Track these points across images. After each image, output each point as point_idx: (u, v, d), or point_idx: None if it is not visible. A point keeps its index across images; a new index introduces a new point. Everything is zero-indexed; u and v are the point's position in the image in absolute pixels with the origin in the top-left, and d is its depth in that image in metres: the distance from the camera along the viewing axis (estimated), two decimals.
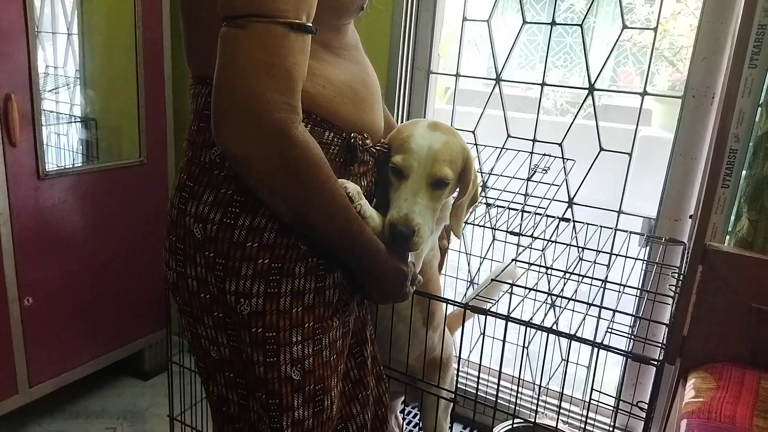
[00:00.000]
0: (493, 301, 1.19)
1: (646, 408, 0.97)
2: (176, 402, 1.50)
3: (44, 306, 1.77)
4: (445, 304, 1.31)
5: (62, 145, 2.01)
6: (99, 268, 1.91)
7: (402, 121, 1.97)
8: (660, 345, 0.99)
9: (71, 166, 1.96)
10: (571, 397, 1.83)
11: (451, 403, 1.42)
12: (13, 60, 1.56)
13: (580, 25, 1.70)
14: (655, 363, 0.90)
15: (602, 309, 1.09)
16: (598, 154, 1.72)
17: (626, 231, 1.49)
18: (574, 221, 1.54)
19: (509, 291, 1.23)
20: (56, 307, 1.81)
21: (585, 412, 1.39)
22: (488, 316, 1.13)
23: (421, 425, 1.44)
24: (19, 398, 1.75)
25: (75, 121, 2.07)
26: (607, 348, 0.96)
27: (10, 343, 1.69)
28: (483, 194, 1.59)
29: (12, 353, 1.70)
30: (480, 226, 1.50)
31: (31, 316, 1.73)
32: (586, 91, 1.71)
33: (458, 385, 1.20)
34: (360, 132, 0.88)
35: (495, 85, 1.85)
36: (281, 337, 0.84)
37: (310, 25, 0.72)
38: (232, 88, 0.69)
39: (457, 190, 1.08)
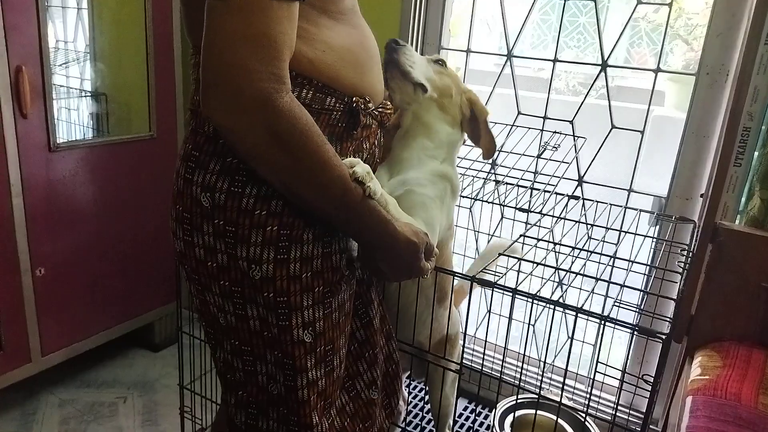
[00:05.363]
0: (493, 272, 1.19)
1: (651, 381, 0.97)
2: (186, 371, 1.52)
3: (56, 277, 1.79)
4: (452, 283, 1.31)
5: (72, 120, 2.01)
6: (110, 240, 1.93)
7: None
8: (667, 319, 0.99)
9: (82, 139, 1.97)
10: (576, 374, 1.84)
11: (457, 378, 1.43)
12: (23, 33, 1.56)
13: (594, 1, 1.68)
14: (662, 336, 0.90)
15: (610, 284, 1.09)
16: (610, 131, 1.71)
17: (636, 209, 1.48)
18: (583, 199, 1.54)
19: (517, 267, 1.23)
20: (67, 278, 1.83)
21: (589, 389, 1.40)
22: (495, 291, 1.13)
23: (427, 399, 1.45)
24: (32, 366, 1.78)
25: (85, 96, 2.07)
26: (614, 321, 0.96)
27: (23, 312, 1.72)
28: (493, 171, 1.59)
29: (25, 322, 1.73)
30: (489, 203, 1.50)
31: (43, 287, 1.76)
32: (599, 69, 1.69)
33: (464, 362, 1.21)
34: (361, 95, 0.88)
35: (506, 62, 1.83)
36: (292, 302, 0.86)
37: None
38: (215, 58, 0.69)
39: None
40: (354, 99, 0.86)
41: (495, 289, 1.10)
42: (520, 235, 1.32)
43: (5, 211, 1.63)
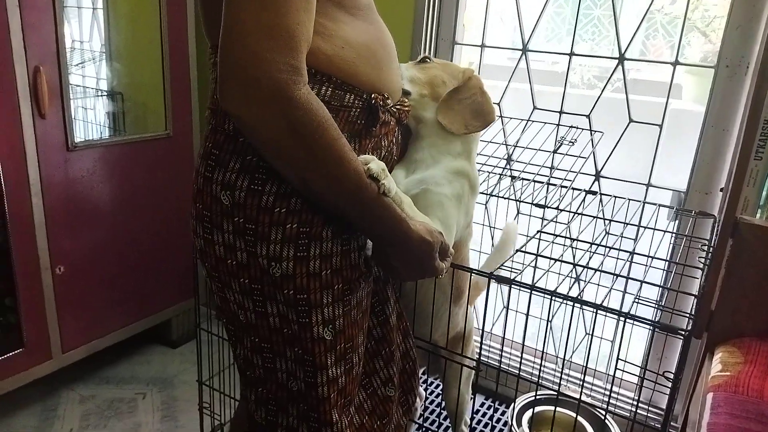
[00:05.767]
0: (510, 268, 1.18)
1: (671, 378, 0.96)
2: (205, 368, 1.53)
3: (75, 275, 1.81)
4: (469, 281, 1.31)
5: (89, 119, 2.03)
6: (127, 238, 1.95)
7: None
8: (688, 315, 0.98)
9: (99, 138, 1.99)
10: (595, 370, 1.83)
11: (473, 375, 1.43)
12: (40, 33, 1.58)
13: None
14: (683, 333, 0.89)
15: (629, 280, 1.08)
16: (628, 125, 1.69)
17: (655, 204, 1.47)
18: (601, 194, 1.52)
19: (534, 264, 1.22)
20: (86, 275, 1.85)
21: (609, 385, 1.39)
22: (512, 288, 1.12)
23: (443, 396, 1.45)
24: (52, 363, 1.81)
25: (101, 95, 2.09)
26: (634, 317, 0.95)
27: (44, 309, 1.75)
28: (508, 167, 1.58)
29: (45, 320, 1.76)
30: (505, 199, 1.49)
31: (62, 285, 1.78)
32: (616, 62, 1.67)
33: (481, 358, 1.21)
34: (380, 92, 0.88)
35: (521, 56, 1.82)
36: (312, 299, 0.86)
37: None
38: (232, 49, 0.69)
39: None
40: (373, 96, 0.86)
41: (512, 285, 1.09)
42: (537, 231, 1.31)
43: (25, 211, 1.65)
